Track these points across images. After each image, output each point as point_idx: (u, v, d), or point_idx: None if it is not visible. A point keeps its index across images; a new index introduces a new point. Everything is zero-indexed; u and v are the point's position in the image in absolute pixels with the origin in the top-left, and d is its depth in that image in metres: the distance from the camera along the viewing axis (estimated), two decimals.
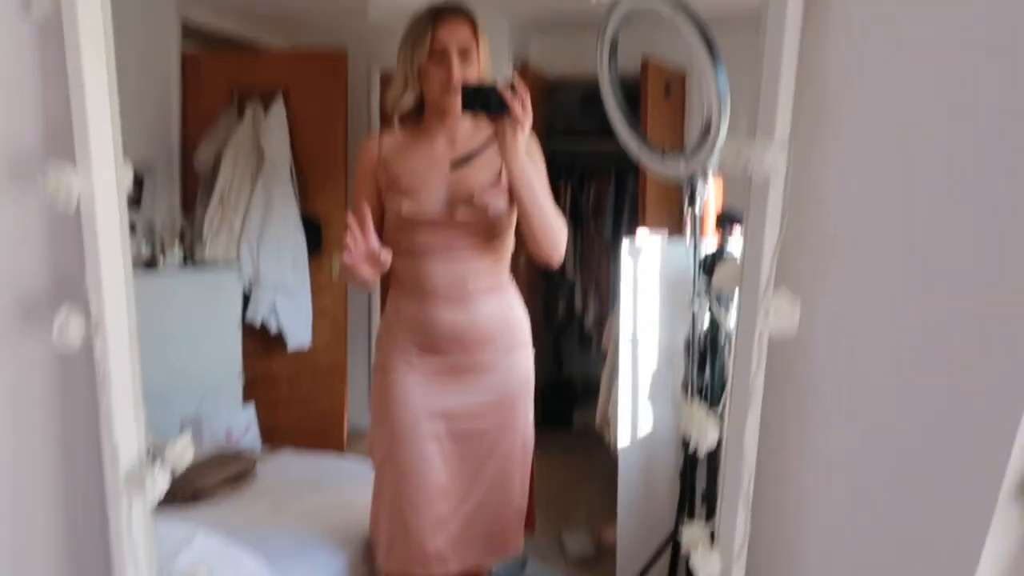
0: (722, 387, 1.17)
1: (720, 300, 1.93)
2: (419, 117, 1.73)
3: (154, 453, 1.20)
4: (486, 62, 1.68)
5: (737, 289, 1.08)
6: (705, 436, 1.07)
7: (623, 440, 2.85)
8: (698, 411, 1.09)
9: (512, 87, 1.47)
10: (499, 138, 1.51)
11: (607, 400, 3.19)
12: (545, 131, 4.14)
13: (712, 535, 1.14)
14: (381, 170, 1.70)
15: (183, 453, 1.23)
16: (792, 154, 0.98)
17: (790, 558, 1.15)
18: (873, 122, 0.95)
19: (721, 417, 1.12)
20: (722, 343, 2.20)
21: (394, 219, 1.67)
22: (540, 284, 4.61)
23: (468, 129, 1.70)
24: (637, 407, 2.89)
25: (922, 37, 0.90)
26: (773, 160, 0.96)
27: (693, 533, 1.13)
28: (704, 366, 2.46)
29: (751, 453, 1.09)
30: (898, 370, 0.95)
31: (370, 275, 1.57)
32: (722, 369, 2.18)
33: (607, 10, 2.09)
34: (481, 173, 1.67)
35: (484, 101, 1.49)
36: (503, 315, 1.73)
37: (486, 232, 1.66)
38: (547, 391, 4.64)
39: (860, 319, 1.00)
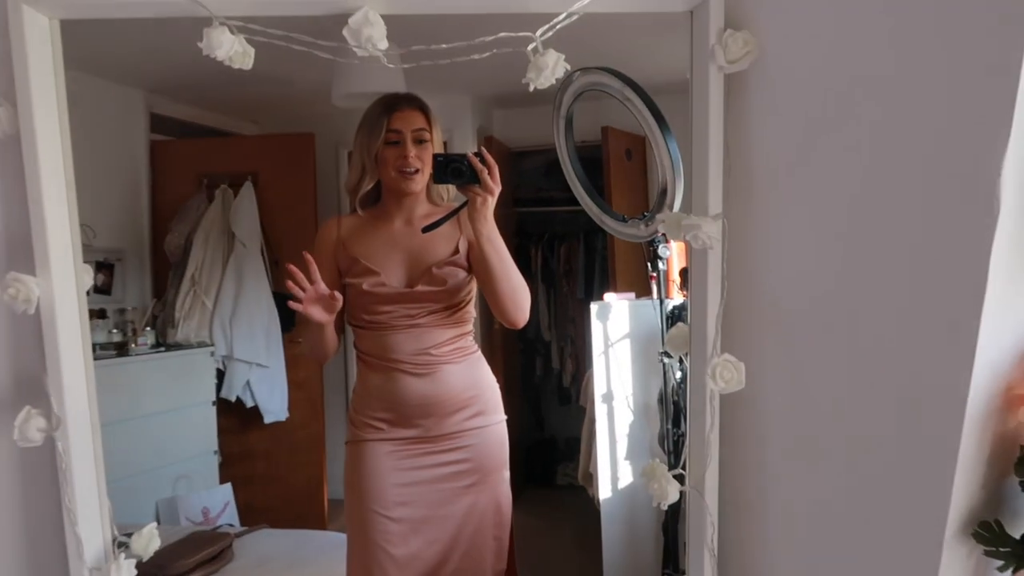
0: None
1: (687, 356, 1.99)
2: (377, 200, 1.82)
3: (121, 542, 1.21)
4: (439, 149, 1.78)
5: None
6: (665, 493, 1.12)
7: (605, 494, 2.87)
8: (657, 468, 1.15)
9: (481, 157, 1.55)
10: (470, 206, 1.58)
11: (588, 456, 3.22)
12: (512, 200, 4.27)
13: None
14: (340, 250, 1.77)
15: (149, 542, 1.24)
16: (727, 226, 1.06)
17: None
18: (794, 195, 1.04)
19: (683, 472, 1.17)
20: None
21: (356, 295, 1.73)
22: (517, 346, 4.67)
23: (424, 209, 1.79)
24: (616, 462, 2.92)
25: (834, 115, 1.00)
26: (709, 232, 1.04)
27: None
28: (679, 419, 2.51)
29: (713, 506, 1.14)
30: (838, 419, 1.02)
31: (323, 317, 1.61)
32: None
33: (560, 87, 2.22)
34: (439, 247, 1.74)
35: (456, 171, 1.56)
36: (472, 383, 1.78)
37: (446, 303, 1.73)
38: (530, 450, 4.66)
39: (800, 373, 1.07)
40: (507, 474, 1.84)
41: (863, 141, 0.94)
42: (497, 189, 1.57)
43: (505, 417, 1.87)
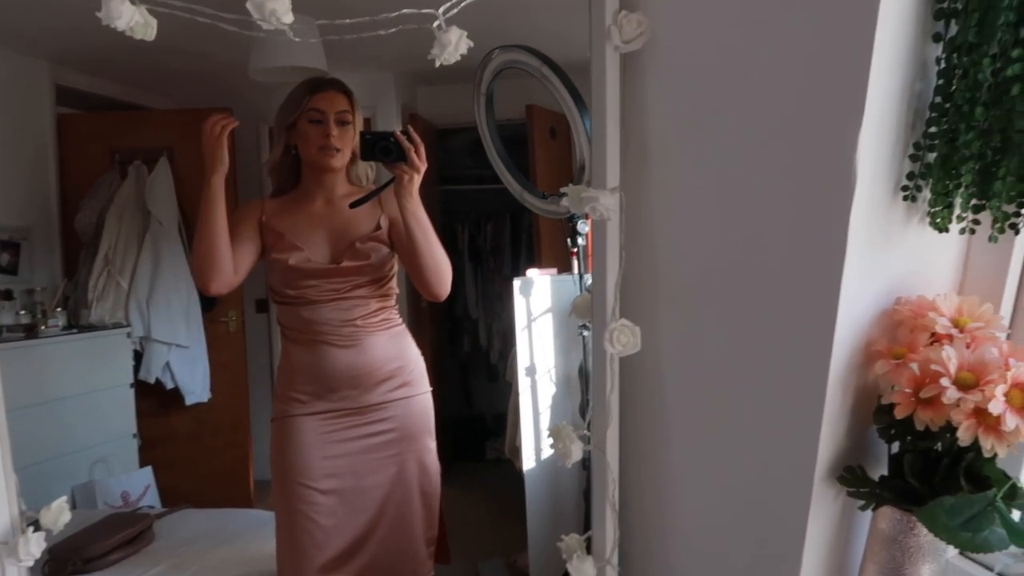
0: None
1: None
2: (297, 182, 1.85)
3: (30, 519, 1.20)
4: (358, 135, 1.81)
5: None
6: (569, 452, 1.18)
7: (528, 465, 2.95)
8: (563, 429, 1.21)
9: (408, 135, 1.58)
10: (396, 184, 1.62)
11: (514, 429, 3.29)
12: (438, 178, 4.27)
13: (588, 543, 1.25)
14: (264, 230, 1.79)
15: (58, 516, 1.23)
16: (623, 199, 1.12)
17: (655, 558, 1.27)
18: (685, 169, 1.11)
19: (588, 433, 1.24)
20: None
21: (281, 271, 1.76)
22: (445, 323, 4.70)
23: (345, 189, 1.83)
24: (540, 434, 3.00)
25: (716, 93, 1.06)
26: (606, 204, 1.10)
27: (570, 543, 1.24)
28: None
29: (614, 463, 1.21)
30: (723, 377, 1.10)
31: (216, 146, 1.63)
32: None
33: (480, 65, 2.25)
34: (360, 224, 1.78)
35: (384, 149, 1.60)
36: (396, 354, 1.82)
37: (371, 276, 1.77)
38: (458, 426, 4.72)
39: (690, 335, 1.15)
40: (433, 444, 1.89)
41: (740, 120, 1.01)
42: (423, 167, 1.61)
43: (430, 389, 1.92)
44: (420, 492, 1.83)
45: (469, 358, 4.87)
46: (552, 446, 1.21)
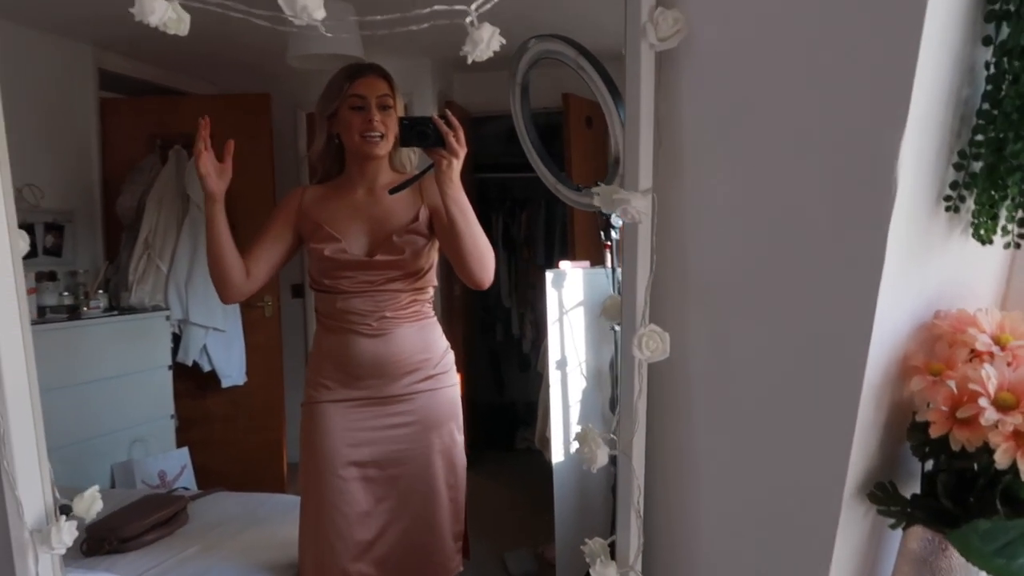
0: None
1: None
2: (341, 171, 1.85)
3: (63, 505, 1.23)
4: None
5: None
6: (595, 456, 1.17)
7: (557, 458, 2.94)
8: (590, 432, 1.20)
9: (446, 120, 1.56)
10: (436, 169, 1.60)
11: (545, 421, 3.28)
12: (473, 165, 4.26)
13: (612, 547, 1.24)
14: (303, 218, 1.80)
15: (91, 504, 1.26)
16: (656, 201, 1.10)
17: (680, 567, 1.26)
18: (720, 172, 1.08)
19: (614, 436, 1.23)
20: None
21: (318, 260, 1.76)
22: (478, 311, 4.71)
23: (388, 177, 1.81)
24: (569, 427, 2.99)
25: (755, 95, 1.03)
26: (638, 206, 1.08)
27: (594, 547, 1.23)
28: None
29: (639, 470, 1.19)
30: (753, 386, 1.08)
31: (213, 183, 1.64)
32: None
33: (515, 55, 2.22)
34: (400, 214, 1.77)
35: (421, 134, 1.57)
36: (423, 346, 1.82)
37: (406, 271, 1.76)
38: (489, 415, 4.73)
39: (721, 343, 1.12)
40: (460, 437, 1.88)
41: (778, 123, 0.98)
42: (462, 151, 1.58)
43: (457, 381, 1.92)
44: (446, 485, 1.83)
45: (501, 347, 4.87)
46: (578, 450, 1.20)
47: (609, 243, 2.63)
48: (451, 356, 1.92)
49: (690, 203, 1.12)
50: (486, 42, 1.03)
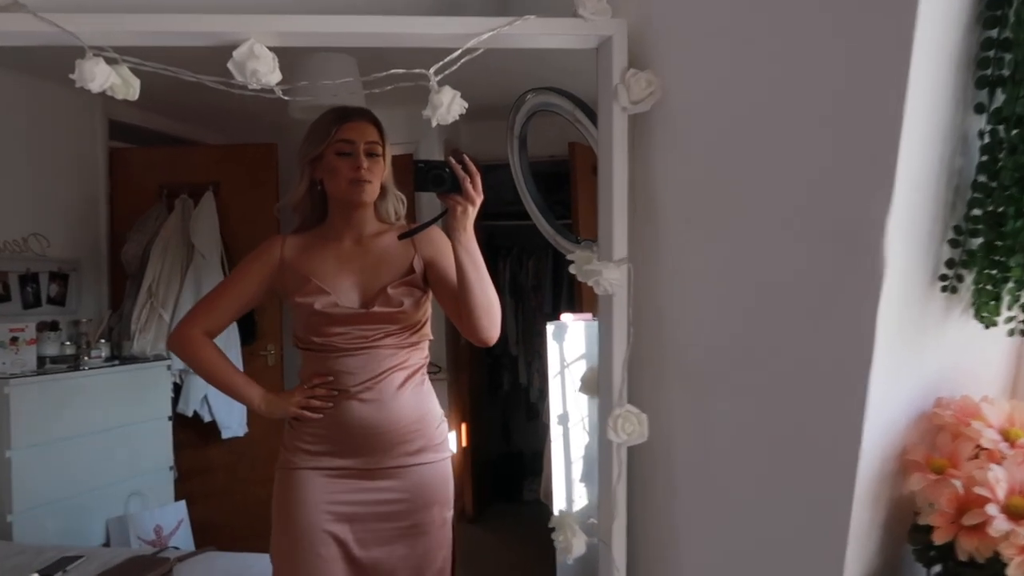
0: None
1: None
2: (323, 219, 1.73)
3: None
4: (388, 168, 1.71)
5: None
6: (571, 546, 1.07)
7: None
8: (566, 519, 1.11)
9: (463, 165, 1.46)
10: (450, 216, 1.49)
11: (550, 473, 3.18)
12: (481, 213, 4.21)
13: None
14: (284, 271, 1.68)
15: None
16: (632, 271, 1.02)
17: None
18: (699, 238, 1.00)
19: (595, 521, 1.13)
20: None
21: (307, 316, 1.63)
22: (485, 360, 4.62)
23: (374, 227, 1.70)
24: (571, 483, 2.88)
25: (740, 159, 0.96)
26: (610, 277, 1.01)
27: None
28: None
29: (620, 560, 1.10)
30: (742, 476, 0.98)
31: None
32: None
33: (513, 108, 2.18)
34: (392, 266, 1.66)
35: (437, 179, 1.47)
36: (419, 415, 1.67)
37: (403, 324, 1.64)
38: (496, 464, 4.61)
39: (707, 425, 1.03)
40: (450, 514, 1.71)
41: (759, 190, 0.91)
42: (479, 198, 1.47)
43: (451, 454, 1.78)
44: (437, 570, 1.66)
45: (508, 396, 4.78)
46: (554, 537, 1.10)
47: None
48: (445, 427, 1.75)
49: (668, 273, 1.04)
50: (446, 106, 0.98)
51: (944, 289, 0.80)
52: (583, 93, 2.03)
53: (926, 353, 0.84)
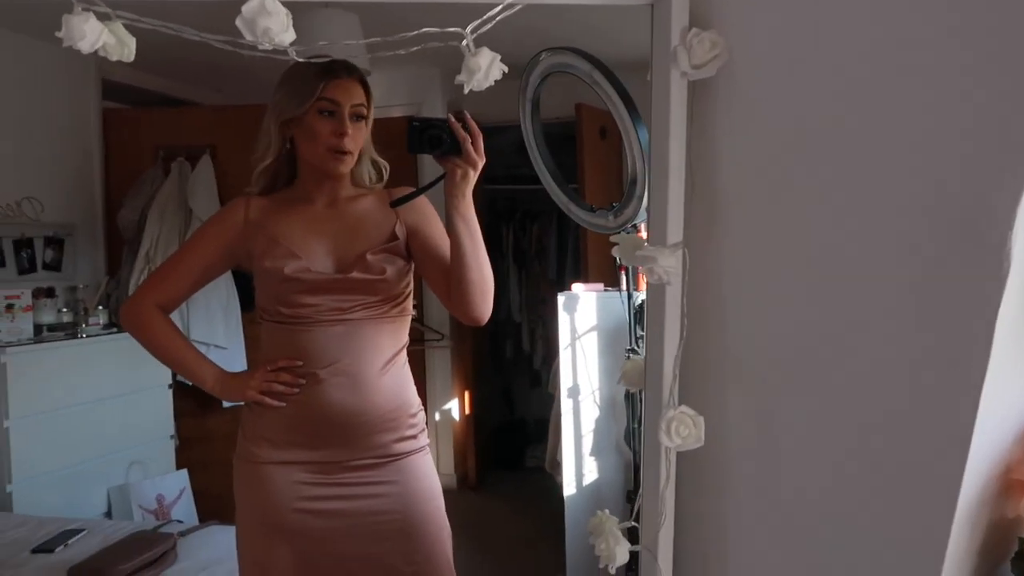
0: None
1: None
2: (290, 180, 1.53)
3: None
4: (368, 136, 1.49)
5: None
6: (613, 554, 0.99)
7: (569, 491, 2.79)
8: (606, 522, 1.02)
9: (464, 123, 1.31)
10: (448, 180, 1.33)
11: (555, 443, 3.13)
12: (483, 177, 4.09)
13: None
14: (251, 234, 1.48)
15: None
16: (687, 258, 0.92)
17: None
18: (766, 224, 0.89)
19: (636, 524, 1.05)
20: None
21: (276, 283, 1.43)
22: (487, 326, 4.55)
23: (349, 191, 1.51)
24: (581, 457, 2.84)
25: (814, 132, 0.85)
26: (666, 264, 0.90)
27: None
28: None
29: (667, 569, 1.01)
30: (811, 491, 0.89)
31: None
32: None
33: (526, 69, 2.05)
34: (371, 232, 1.47)
35: (435, 139, 1.30)
36: (400, 400, 1.48)
37: (384, 295, 1.46)
38: (498, 432, 4.59)
39: (768, 431, 0.94)
40: (441, 510, 1.53)
41: (845, 166, 0.79)
42: (480, 161, 1.32)
43: (428, 442, 1.55)
44: (433, 566, 1.47)
45: (511, 363, 4.76)
46: (592, 543, 1.02)
47: (624, 265, 2.47)
48: (423, 416, 1.56)
49: (729, 261, 0.93)
50: (484, 70, 0.86)
51: None
52: (598, 52, 1.91)
53: None
